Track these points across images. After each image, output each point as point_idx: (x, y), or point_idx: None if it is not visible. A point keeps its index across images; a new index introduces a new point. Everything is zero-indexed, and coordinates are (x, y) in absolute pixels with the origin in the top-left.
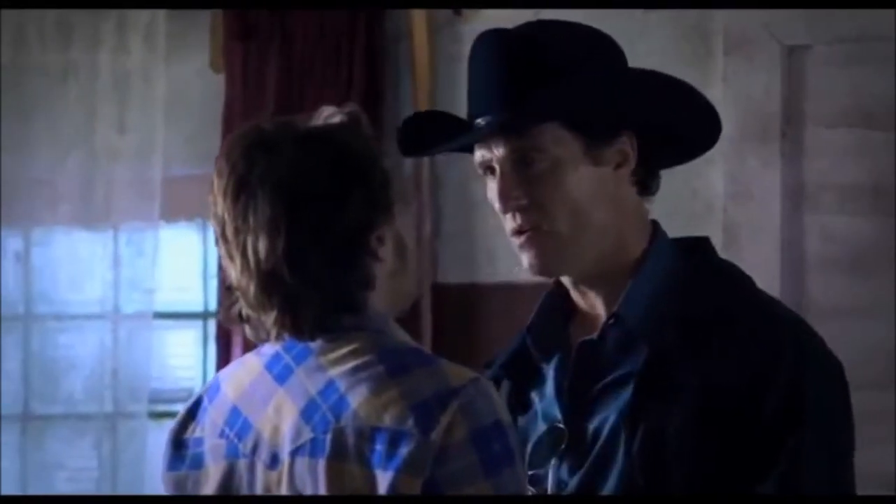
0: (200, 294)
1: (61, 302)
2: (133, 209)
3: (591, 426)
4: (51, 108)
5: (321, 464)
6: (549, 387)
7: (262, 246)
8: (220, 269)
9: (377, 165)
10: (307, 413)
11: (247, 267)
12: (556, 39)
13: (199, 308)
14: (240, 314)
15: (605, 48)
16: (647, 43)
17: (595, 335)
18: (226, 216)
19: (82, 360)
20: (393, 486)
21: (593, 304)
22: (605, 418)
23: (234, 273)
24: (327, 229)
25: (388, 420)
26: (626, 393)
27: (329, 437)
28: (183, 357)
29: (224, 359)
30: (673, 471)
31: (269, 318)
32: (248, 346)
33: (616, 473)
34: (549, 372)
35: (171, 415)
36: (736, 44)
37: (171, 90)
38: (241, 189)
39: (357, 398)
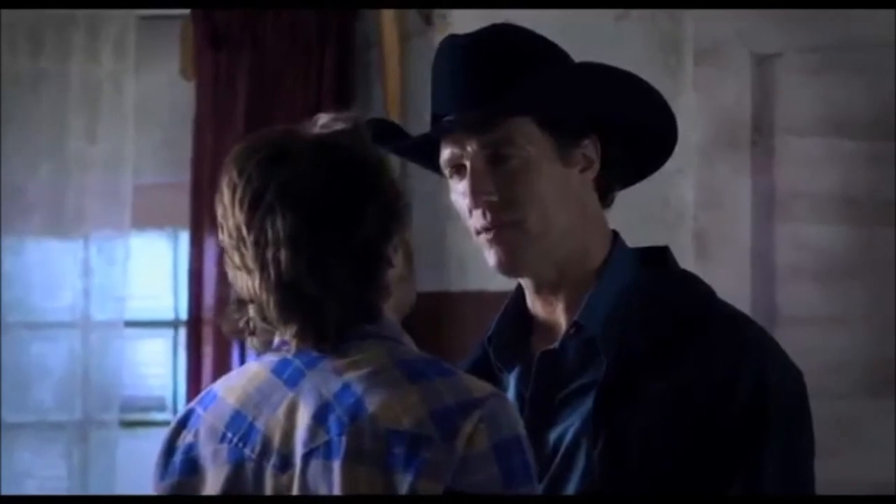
0: (171, 302)
1: (32, 310)
2: (104, 217)
3: (553, 436)
4: (22, 117)
5: (336, 465)
6: (511, 397)
7: (285, 258)
8: (193, 275)
9: (388, 175)
10: (321, 415)
11: (267, 279)
12: (518, 39)
13: (169, 316)
14: (247, 325)
15: (560, 49)
16: (618, 51)
17: (556, 345)
18: (242, 228)
19: (53, 369)
20: (413, 489)
21: (554, 311)
22: (567, 428)
23: (249, 285)
24: (348, 240)
25: (407, 423)
26: (588, 402)
27: (344, 438)
28: (154, 365)
29: (195, 367)
30: (635, 477)
31: (290, 331)
32: (219, 354)
33: (578, 482)
34: (510, 382)
35: (142, 423)
36: (707, 52)
37: (142, 99)
38: (258, 201)
39: (375, 401)
